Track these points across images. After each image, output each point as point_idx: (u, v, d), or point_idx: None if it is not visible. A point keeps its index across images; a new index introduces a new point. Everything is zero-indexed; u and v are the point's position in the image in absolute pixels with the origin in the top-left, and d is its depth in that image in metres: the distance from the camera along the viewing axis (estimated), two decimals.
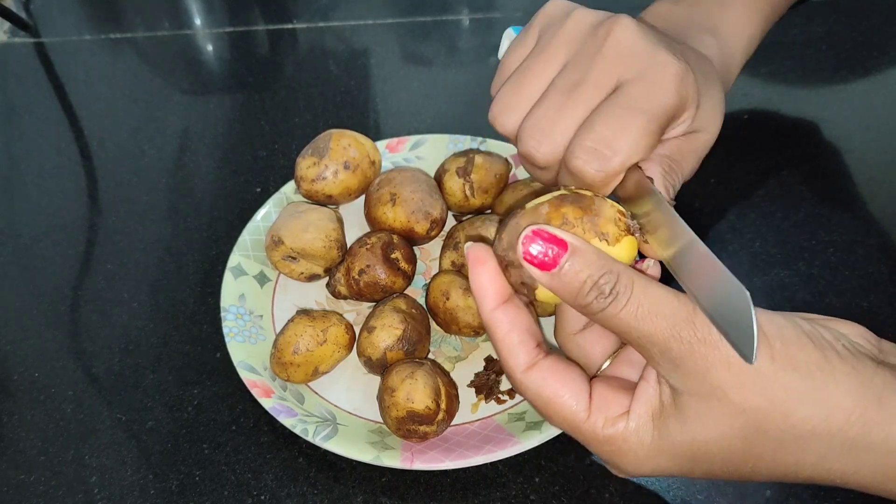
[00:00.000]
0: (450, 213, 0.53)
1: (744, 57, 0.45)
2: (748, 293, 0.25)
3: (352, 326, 0.46)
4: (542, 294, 0.30)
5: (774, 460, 0.28)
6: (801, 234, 0.53)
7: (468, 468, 0.42)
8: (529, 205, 0.31)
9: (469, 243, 0.31)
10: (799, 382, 0.27)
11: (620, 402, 0.30)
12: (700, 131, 0.35)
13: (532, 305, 0.33)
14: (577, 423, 0.30)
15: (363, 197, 0.51)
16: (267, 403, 0.43)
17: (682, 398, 0.28)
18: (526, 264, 0.28)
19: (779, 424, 0.27)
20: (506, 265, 0.30)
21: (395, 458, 0.41)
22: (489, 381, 0.45)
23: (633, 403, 0.30)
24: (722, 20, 0.43)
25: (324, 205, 0.51)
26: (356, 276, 0.47)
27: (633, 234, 0.30)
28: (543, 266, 0.28)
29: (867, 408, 0.27)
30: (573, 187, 0.32)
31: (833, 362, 0.27)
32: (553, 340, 0.36)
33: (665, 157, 0.34)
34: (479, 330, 0.46)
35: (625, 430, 0.29)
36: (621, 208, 0.31)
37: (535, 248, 0.28)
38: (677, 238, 0.29)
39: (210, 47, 0.73)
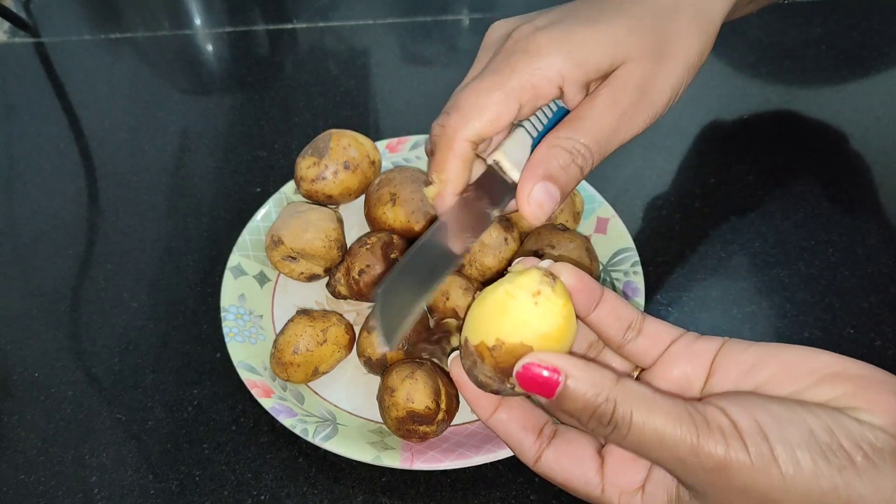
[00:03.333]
0: None
1: None
2: None
3: (352, 326, 0.46)
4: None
5: None
6: (801, 234, 0.53)
7: (468, 468, 0.42)
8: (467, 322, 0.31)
9: (451, 358, 0.32)
10: None
11: (634, 474, 0.30)
12: (622, 63, 0.33)
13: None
14: (595, 499, 0.31)
15: (363, 197, 0.51)
16: (267, 403, 0.43)
17: (696, 500, 0.28)
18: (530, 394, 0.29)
19: None
20: (474, 380, 0.31)
21: (395, 458, 0.41)
22: None
23: (647, 483, 0.30)
24: None
25: (324, 205, 0.51)
26: (356, 276, 0.47)
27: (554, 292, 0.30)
28: (543, 395, 0.28)
29: None
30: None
31: (851, 484, 0.26)
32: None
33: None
34: None
35: None
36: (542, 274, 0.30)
37: (531, 382, 0.28)
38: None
39: (210, 47, 0.73)
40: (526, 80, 0.32)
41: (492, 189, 0.34)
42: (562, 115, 0.35)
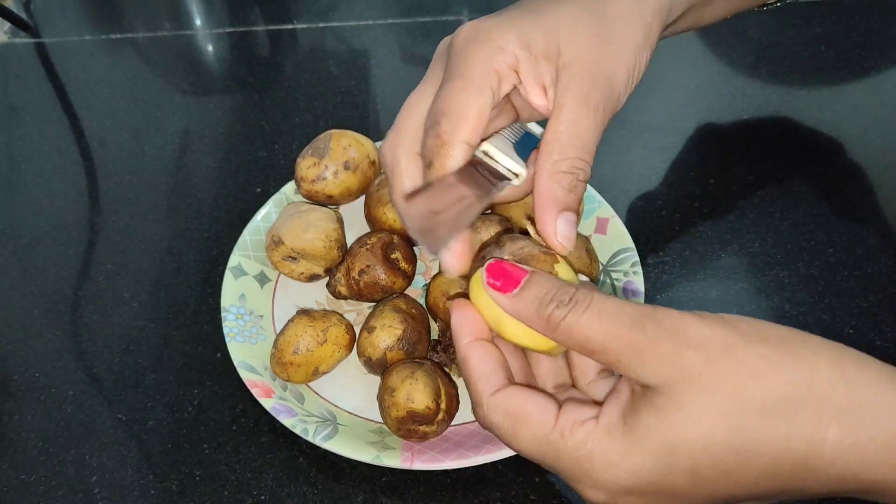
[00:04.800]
0: None
1: None
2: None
3: (352, 326, 0.46)
4: (511, 333, 0.31)
5: (767, 443, 0.26)
6: (801, 234, 0.53)
7: (468, 468, 0.42)
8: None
9: (449, 300, 0.34)
10: (772, 351, 0.26)
11: (590, 411, 0.29)
12: (567, 47, 0.33)
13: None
14: (545, 433, 0.29)
15: (363, 197, 0.51)
16: (267, 403, 0.43)
17: (653, 393, 0.27)
18: (489, 290, 0.30)
19: (762, 395, 0.25)
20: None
21: (395, 458, 0.41)
22: None
23: (603, 407, 0.29)
24: None
25: (324, 205, 0.51)
26: (356, 276, 0.47)
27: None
28: (506, 287, 0.30)
29: (845, 369, 0.26)
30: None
31: (803, 335, 0.27)
32: None
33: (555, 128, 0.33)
34: None
35: (594, 430, 0.28)
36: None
37: (496, 272, 0.30)
38: None
39: (210, 48, 0.73)
40: (486, 66, 0.33)
41: (478, 179, 0.34)
42: (530, 139, 0.37)
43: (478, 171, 0.34)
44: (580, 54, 0.33)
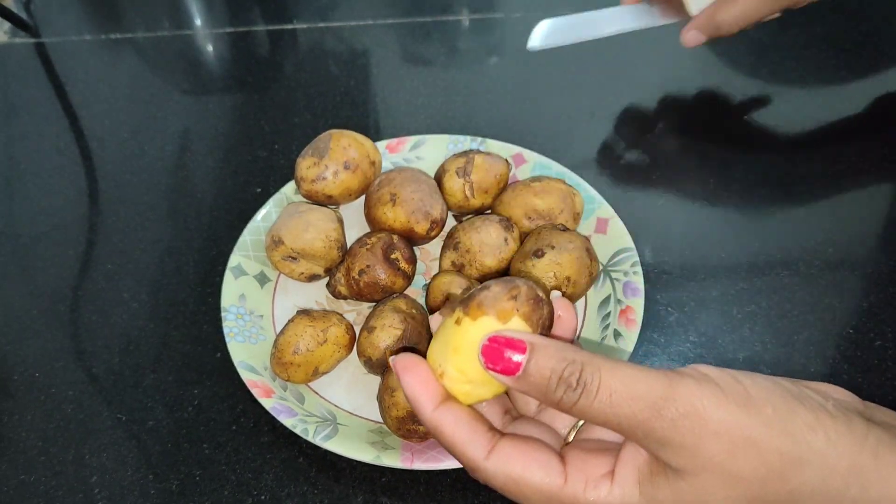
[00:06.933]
0: (450, 213, 0.53)
1: None
2: None
3: (352, 326, 0.46)
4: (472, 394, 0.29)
5: None
6: (801, 233, 0.53)
7: None
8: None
9: (392, 357, 0.30)
10: (794, 447, 0.26)
11: (601, 463, 0.28)
12: None
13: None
14: (555, 493, 0.28)
15: (363, 197, 0.51)
16: (267, 403, 0.43)
17: (673, 473, 0.27)
18: (490, 373, 0.28)
19: (777, 489, 0.26)
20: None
21: (395, 458, 0.41)
22: None
23: (617, 466, 0.28)
24: None
25: (324, 205, 0.51)
26: (356, 276, 0.47)
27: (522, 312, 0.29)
28: (507, 371, 0.28)
29: (864, 466, 0.26)
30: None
31: (825, 423, 0.27)
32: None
33: None
34: None
35: (609, 495, 0.28)
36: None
37: (495, 356, 0.28)
38: None
39: (210, 47, 0.73)
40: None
41: None
42: None
43: None
44: None
